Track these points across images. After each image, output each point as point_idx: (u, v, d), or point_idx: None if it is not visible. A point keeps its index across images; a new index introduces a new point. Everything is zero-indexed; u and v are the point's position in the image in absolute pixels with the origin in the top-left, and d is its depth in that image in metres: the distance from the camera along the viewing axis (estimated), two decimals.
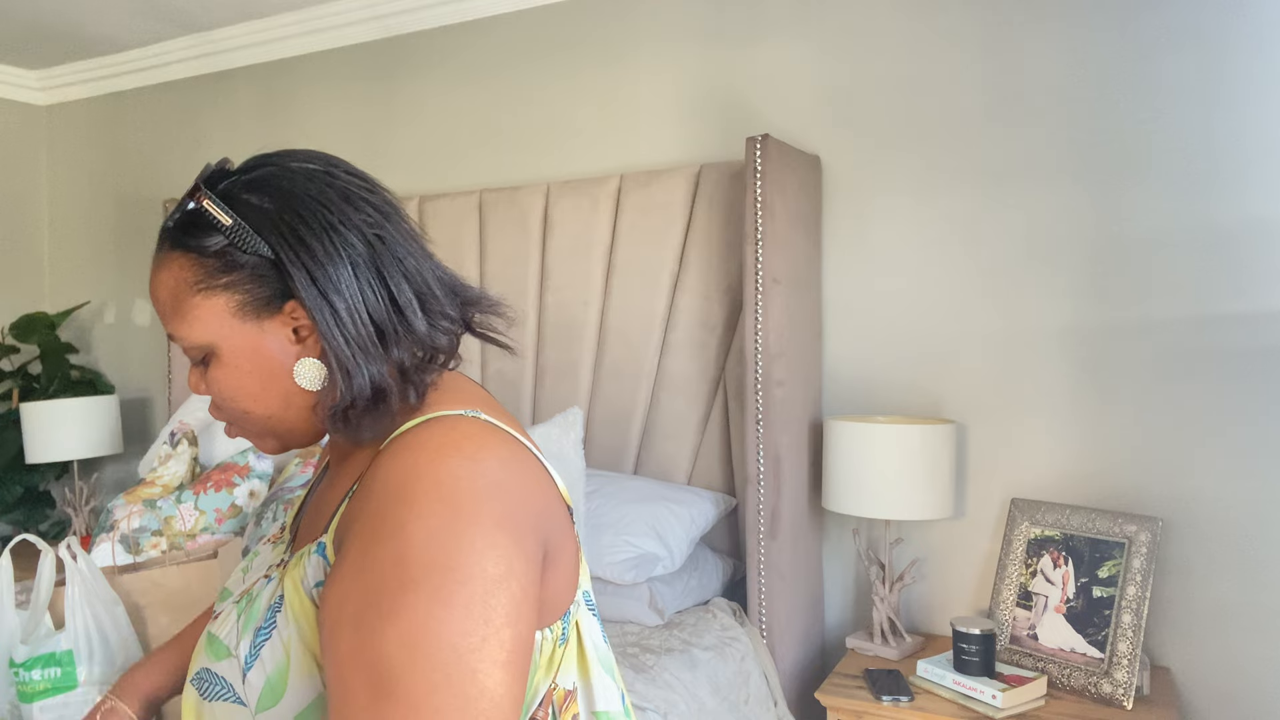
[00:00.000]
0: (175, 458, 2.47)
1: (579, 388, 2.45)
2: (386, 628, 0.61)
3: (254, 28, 3.07)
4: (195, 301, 0.76)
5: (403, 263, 0.77)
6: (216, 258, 0.75)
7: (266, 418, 0.79)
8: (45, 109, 3.71)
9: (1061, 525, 1.94)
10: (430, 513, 0.65)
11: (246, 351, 0.76)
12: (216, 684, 0.76)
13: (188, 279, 0.76)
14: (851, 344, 2.27)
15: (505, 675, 0.62)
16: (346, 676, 0.62)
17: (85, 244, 3.62)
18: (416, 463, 0.68)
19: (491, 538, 0.65)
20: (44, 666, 1.33)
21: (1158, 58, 1.95)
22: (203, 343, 0.77)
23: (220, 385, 0.78)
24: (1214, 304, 1.91)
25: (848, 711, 1.84)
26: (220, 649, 0.77)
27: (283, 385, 0.77)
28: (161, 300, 0.78)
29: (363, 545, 0.66)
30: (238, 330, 0.76)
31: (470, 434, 0.71)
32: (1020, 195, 2.08)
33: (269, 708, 0.72)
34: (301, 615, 0.73)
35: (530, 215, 2.55)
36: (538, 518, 0.72)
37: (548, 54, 2.66)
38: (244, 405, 0.78)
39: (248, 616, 0.77)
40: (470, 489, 0.67)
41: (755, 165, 1.99)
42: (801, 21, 2.32)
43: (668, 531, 2.02)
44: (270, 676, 0.72)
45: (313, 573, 0.73)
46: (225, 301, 0.76)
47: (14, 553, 2.77)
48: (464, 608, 0.62)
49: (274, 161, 0.78)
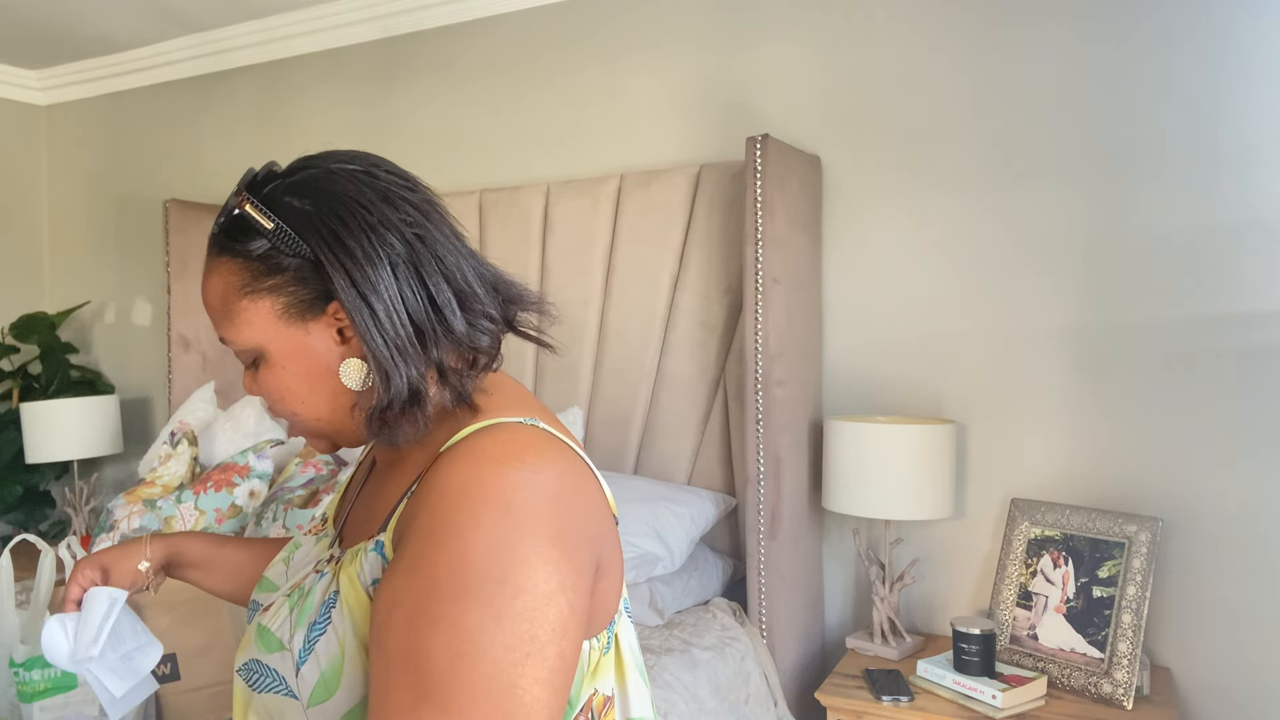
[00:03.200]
0: (175, 458, 2.47)
1: (579, 388, 2.45)
2: (435, 633, 0.63)
3: (254, 28, 3.07)
4: (243, 305, 0.77)
5: (442, 261, 0.78)
6: (261, 261, 0.76)
7: (315, 419, 0.80)
8: (45, 109, 3.71)
9: (1061, 525, 1.94)
10: (489, 523, 0.66)
11: (293, 353, 0.78)
12: (267, 676, 0.76)
13: (234, 283, 0.77)
14: (851, 344, 2.27)
15: (544, 692, 0.63)
16: (391, 675, 0.63)
17: (85, 244, 3.62)
18: (479, 470, 0.69)
19: (546, 553, 0.66)
20: (44, 666, 1.33)
21: (1157, 58, 1.95)
22: (251, 346, 0.79)
23: (269, 387, 0.79)
24: (1214, 304, 1.91)
25: (848, 711, 1.84)
26: (272, 641, 0.77)
27: (329, 386, 0.78)
28: (212, 305, 0.80)
29: (420, 547, 0.67)
30: (283, 333, 0.77)
31: (531, 444, 0.72)
32: (1020, 195, 2.08)
33: (321, 702, 0.73)
34: (358, 611, 0.73)
35: (530, 215, 2.55)
36: (592, 532, 0.73)
37: (548, 54, 2.66)
38: (292, 406, 0.80)
39: (300, 610, 0.77)
40: (529, 502, 0.68)
41: (755, 165, 1.99)
42: (801, 21, 2.32)
43: (668, 531, 2.02)
44: (325, 672, 0.73)
45: (370, 569, 0.74)
46: (270, 304, 0.77)
47: (14, 553, 2.77)
48: (512, 621, 0.63)
49: (316, 164, 0.79)
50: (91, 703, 1.34)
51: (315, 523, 0.95)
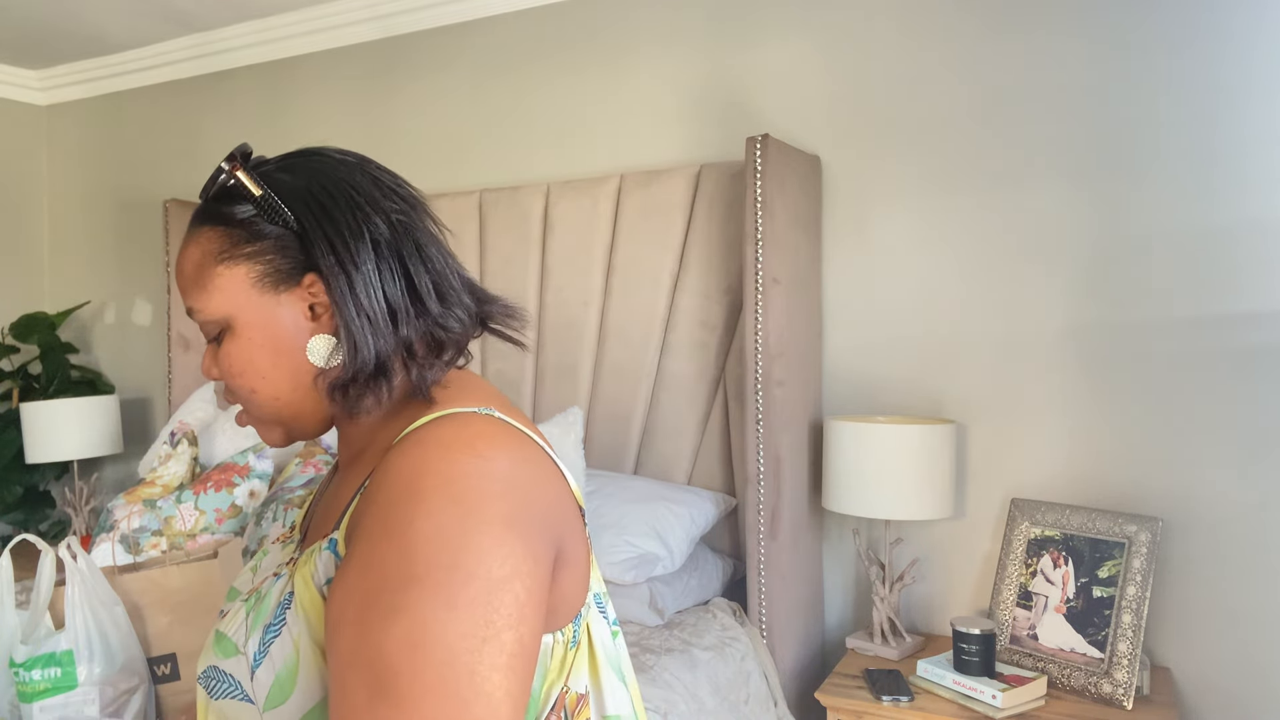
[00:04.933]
0: (175, 458, 2.47)
1: (579, 388, 2.45)
2: (387, 626, 0.61)
3: (254, 27, 3.07)
4: (217, 271, 0.77)
5: (423, 249, 0.79)
6: (242, 227, 0.77)
7: (274, 398, 0.79)
8: (45, 109, 3.71)
9: (1061, 525, 1.94)
10: (438, 510, 0.65)
11: (261, 324, 0.77)
12: (223, 682, 0.75)
13: (211, 250, 0.78)
14: (851, 344, 2.27)
15: (504, 679, 0.62)
16: (346, 675, 0.62)
17: (85, 244, 3.62)
18: (426, 459, 0.68)
19: (499, 538, 0.65)
20: (44, 666, 1.33)
21: (1157, 58, 1.95)
22: (220, 315, 0.78)
23: (232, 359, 0.78)
24: (1214, 304, 1.91)
25: (848, 711, 1.84)
26: (228, 646, 0.76)
27: (293, 362, 0.78)
28: (185, 274, 0.79)
29: (370, 541, 0.66)
30: (255, 301, 0.77)
31: (482, 432, 0.71)
32: (1020, 195, 2.08)
33: (277, 705, 0.72)
34: (312, 611, 0.72)
35: (530, 215, 2.55)
36: (549, 518, 0.71)
37: (548, 54, 2.66)
38: (252, 383, 0.79)
39: (257, 614, 0.76)
40: (480, 487, 0.67)
41: (755, 165, 1.99)
42: (801, 22, 2.32)
43: (668, 531, 2.02)
44: (279, 674, 0.72)
45: (324, 569, 0.73)
46: (246, 271, 0.77)
47: (14, 553, 2.77)
48: (466, 608, 0.62)
49: (307, 152, 0.82)
50: (91, 702, 1.34)
51: (284, 531, 0.94)
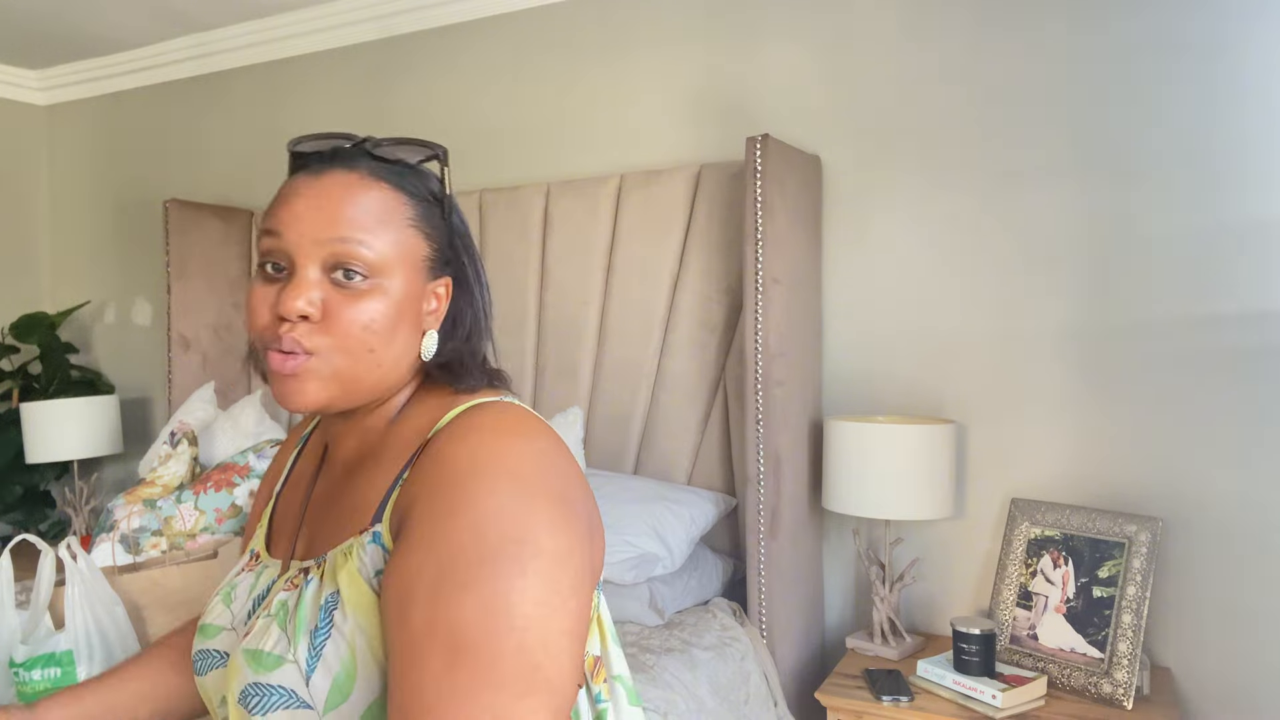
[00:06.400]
0: (175, 458, 2.47)
1: (579, 388, 2.45)
2: (465, 597, 0.65)
3: (254, 28, 3.07)
4: (406, 234, 0.80)
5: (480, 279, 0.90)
6: (430, 208, 0.83)
7: (378, 365, 0.79)
8: (45, 109, 3.71)
9: (1061, 525, 1.94)
10: (501, 489, 0.69)
11: (413, 298, 0.81)
12: (271, 694, 0.74)
13: (404, 212, 0.80)
14: (851, 344, 2.27)
15: (569, 643, 0.67)
16: (420, 645, 0.65)
17: (85, 244, 3.62)
18: (482, 442, 0.73)
19: (556, 513, 0.70)
20: (44, 666, 1.33)
21: (1157, 59, 1.95)
22: (388, 267, 0.78)
23: (372, 315, 0.77)
24: (1214, 304, 1.91)
25: (848, 711, 1.84)
26: (269, 660, 0.75)
27: (404, 339, 0.81)
28: (361, 210, 0.77)
29: (433, 521, 0.69)
30: (413, 276, 0.81)
31: (521, 416, 0.78)
32: (1020, 195, 2.08)
33: (337, 705, 0.72)
34: (362, 607, 0.73)
35: (530, 215, 2.55)
36: (585, 495, 0.78)
37: (548, 54, 2.66)
38: (374, 344, 0.78)
39: (296, 621, 0.75)
40: (534, 468, 0.72)
41: (755, 165, 1.99)
42: (801, 22, 2.32)
43: (668, 531, 2.02)
44: (337, 676, 0.72)
45: (371, 561, 0.74)
46: (423, 248, 0.81)
47: (14, 553, 2.77)
48: (537, 578, 0.66)
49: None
50: None
51: (247, 560, 0.92)
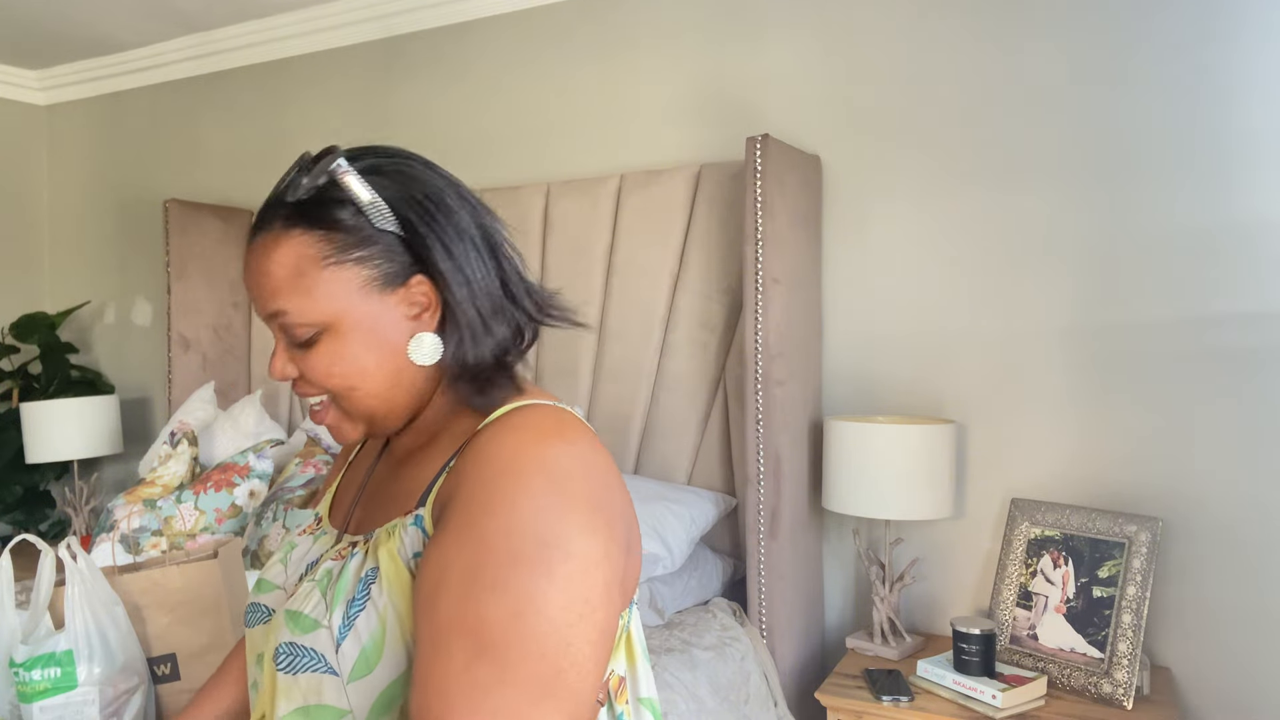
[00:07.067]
0: (175, 458, 2.47)
1: (579, 388, 2.45)
2: (493, 596, 0.65)
3: (254, 28, 3.07)
4: (324, 276, 0.76)
5: (501, 248, 0.83)
6: (349, 232, 0.77)
7: (372, 395, 0.80)
8: (45, 109, 3.71)
9: (1061, 525, 1.94)
10: (538, 491, 0.69)
11: (368, 326, 0.78)
12: (304, 656, 0.76)
13: (312, 255, 0.76)
14: (851, 344, 2.27)
15: (593, 652, 0.67)
16: (445, 638, 0.65)
17: (85, 244, 3.62)
18: (523, 442, 0.73)
19: (591, 521, 0.70)
20: (44, 666, 1.33)
21: (1157, 58, 1.95)
22: (323, 319, 0.77)
23: (332, 360, 0.78)
24: (1214, 304, 1.91)
25: (848, 711, 1.84)
26: (306, 622, 0.77)
27: (394, 362, 0.79)
28: (276, 278, 0.77)
29: (469, 516, 0.69)
30: (360, 305, 0.77)
31: (567, 422, 0.77)
32: (1020, 195, 2.08)
33: (362, 676, 0.74)
34: (397, 585, 0.74)
35: (530, 215, 2.55)
36: (624, 506, 0.77)
37: (548, 54, 2.66)
38: (352, 381, 0.79)
39: (335, 590, 0.77)
40: (573, 473, 0.71)
41: (755, 165, 1.99)
42: (802, 21, 2.32)
43: (668, 531, 2.02)
44: (365, 647, 0.74)
45: (410, 543, 0.75)
46: (354, 275, 0.77)
47: (14, 553, 2.77)
48: (565, 582, 0.66)
49: (386, 151, 0.82)
50: (91, 703, 1.34)
51: (310, 523, 0.96)
